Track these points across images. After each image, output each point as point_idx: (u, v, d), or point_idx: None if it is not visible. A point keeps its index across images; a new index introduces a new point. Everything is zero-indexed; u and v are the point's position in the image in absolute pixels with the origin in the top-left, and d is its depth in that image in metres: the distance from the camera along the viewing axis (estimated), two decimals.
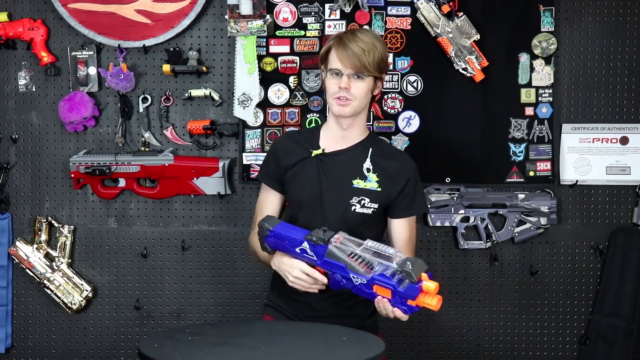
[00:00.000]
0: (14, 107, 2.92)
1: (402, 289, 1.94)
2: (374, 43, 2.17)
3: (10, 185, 2.93)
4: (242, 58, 2.81)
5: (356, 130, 2.26)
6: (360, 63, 2.15)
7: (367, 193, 2.21)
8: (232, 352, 1.84)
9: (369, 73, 2.17)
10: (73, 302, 2.91)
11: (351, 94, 2.17)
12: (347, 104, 2.18)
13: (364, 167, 2.23)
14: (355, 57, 2.14)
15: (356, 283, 1.99)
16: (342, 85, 2.17)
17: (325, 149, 2.27)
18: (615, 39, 2.90)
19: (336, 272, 2.01)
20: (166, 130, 2.89)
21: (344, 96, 2.17)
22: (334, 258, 2.00)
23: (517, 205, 2.88)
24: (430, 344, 2.95)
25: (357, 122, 2.25)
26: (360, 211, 2.20)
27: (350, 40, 2.16)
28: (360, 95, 2.18)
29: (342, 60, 2.16)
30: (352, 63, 2.15)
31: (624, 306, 2.89)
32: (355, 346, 1.92)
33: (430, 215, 2.87)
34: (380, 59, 2.18)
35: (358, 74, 2.16)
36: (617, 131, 2.91)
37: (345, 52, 2.15)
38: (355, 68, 2.15)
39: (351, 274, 1.98)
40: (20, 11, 2.89)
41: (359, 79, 2.17)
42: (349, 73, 2.16)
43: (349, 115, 2.20)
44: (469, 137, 2.89)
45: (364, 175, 2.22)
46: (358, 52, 2.14)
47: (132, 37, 2.84)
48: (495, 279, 2.94)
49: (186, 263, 2.94)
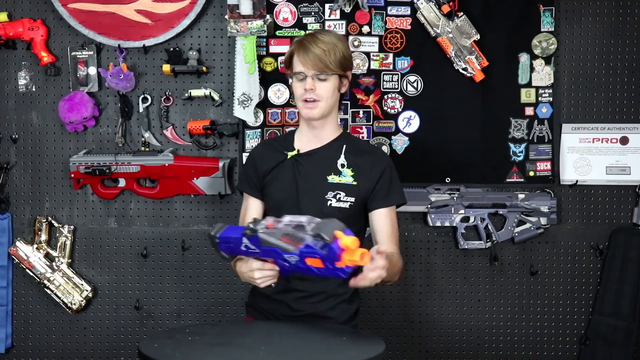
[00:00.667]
0: (14, 107, 2.92)
1: (324, 253, 1.84)
2: (334, 42, 2.21)
3: (10, 185, 2.93)
4: (242, 58, 2.81)
5: (328, 130, 2.30)
6: (322, 63, 2.19)
7: (343, 187, 2.23)
8: (232, 352, 1.84)
9: (332, 72, 2.21)
10: (73, 302, 2.91)
11: (317, 94, 2.21)
12: (314, 106, 2.22)
13: (338, 163, 2.26)
14: (316, 58, 2.19)
15: (294, 262, 1.91)
16: (307, 87, 2.21)
17: (300, 149, 2.30)
18: (615, 39, 2.90)
19: (276, 258, 1.95)
20: (166, 130, 2.89)
21: (311, 98, 2.21)
22: (267, 244, 1.94)
23: (517, 205, 2.88)
24: (430, 344, 2.95)
25: (328, 122, 2.28)
26: (337, 205, 2.22)
27: (310, 42, 2.21)
28: (326, 95, 2.22)
29: (304, 63, 2.21)
30: (314, 64, 2.19)
31: (624, 306, 2.89)
32: (355, 346, 1.92)
33: (430, 215, 2.87)
34: (342, 57, 2.22)
35: (321, 74, 2.20)
36: (617, 131, 2.91)
37: (306, 55, 2.20)
38: (318, 69, 2.20)
39: (285, 255, 1.91)
40: (20, 11, 2.89)
41: (323, 80, 2.21)
42: (312, 74, 2.21)
43: (317, 117, 2.24)
44: (469, 137, 2.89)
45: (339, 171, 2.25)
46: (319, 53, 2.19)
47: (132, 37, 2.84)
48: (495, 279, 2.94)
49: (186, 263, 2.94)
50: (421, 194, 2.86)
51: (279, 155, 2.31)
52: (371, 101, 2.89)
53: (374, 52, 2.87)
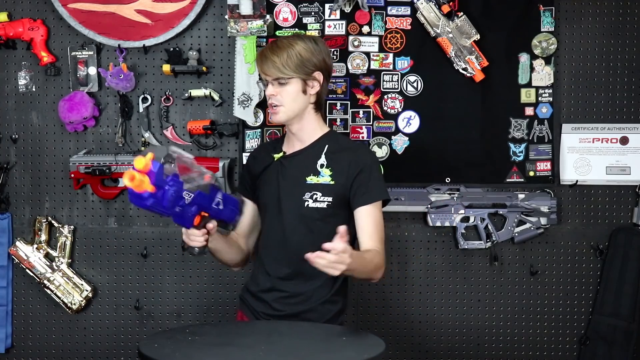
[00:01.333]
0: (14, 107, 2.92)
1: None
2: (291, 46, 2.22)
3: (10, 185, 2.93)
4: (242, 58, 2.81)
5: (307, 131, 2.30)
6: (275, 69, 2.21)
7: (320, 187, 2.24)
8: (232, 352, 1.84)
9: (287, 76, 2.22)
10: (73, 302, 2.91)
11: (277, 99, 2.24)
12: (276, 111, 2.25)
13: (318, 163, 2.26)
14: (270, 64, 2.22)
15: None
16: (267, 93, 2.25)
17: (287, 152, 2.33)
18: (615, 39, 2.90)
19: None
20: (166, 130, 2.89)
21: (273, 103, 2.25)
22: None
23: (517, 205, 2.88)
24: (430, 344, 2.95)
25: (304, 124, 2.29)
26: (314, 206, 2.23)
27: (268, 49, 2.25)
28: (287, 99, 2.24)
29: (262, 70, 2.25)
30: (269, 71, 2.23)
31: (624, 306, 2.89)
32: (355, 346, 1.93)
33: (430, 215, 2.87)
34: (300, 60, 2.22)
35: (279, 80, 2.23)
36: (617, 131, 2.91)
37: (262, 63, 2.24)
38: (273, 74, 2.23)
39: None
40: (20, 11, 2.89)
41: (283, 84, 2.23)
42: (272, 80, 2.24)
43: (282, 121, 2.27)
44: (469, 137, 2.89)
45: (317, 171, 2.26)
46: (273, 59, 2.21)
47: (132, 37, 2.84)
48: (495, 279, 2.94)
49: (186, 263, 2.94)
50: (421, 194, 2.86)
51: (269, 158, 2.34)
52: (371, 101, 2.89)
53: (374, 52, 2.87)
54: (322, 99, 2.33)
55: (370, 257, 2.16)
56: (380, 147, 2.88)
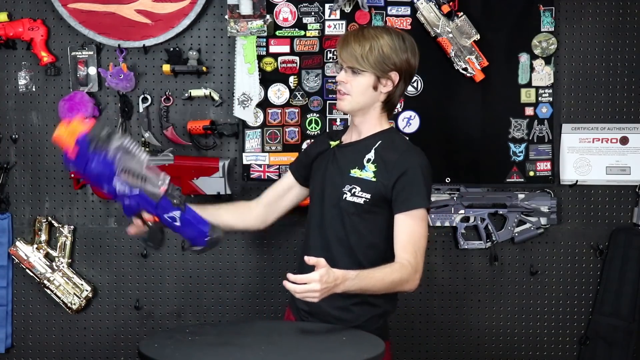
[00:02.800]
0: (14, 107, 2.92)
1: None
2: (377, 39, 2.16)
3: (10, 185, 2.93)
4: (242, 58, 2.81)
5: (367, 126, 2.26)
6: (354, 58, 2.17)
7: (360, 182, 2.19)
8: (232, 352, 1.84)
9: (363, 69, 2.17)
10: (73, 302, 2.91)
11: (347, 88, 2.20)
12: (342, 97, 2.21)
13: (365, 157, 2.22)
14: (349, 51, 2.18)
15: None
16: (338, 79, 2.22)
17: (344, 141, 2.31)
18: (615, 39, 2.90)
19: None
20: (166, 130, 2.89)
21: (340, 90, 2.22)
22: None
23: (517, 205, 2.88)
24: (430, 344, 2.95)
25: (367, 119, 2.25)
26: (351, 200, 2.18)
27: (352, 36, 2.20)
28: (356, 91, 2.19)
29: (341, 55, 2.21)
30: (347, 58, 2.19)
31: (624, 306, 2.89)
32: (355, 346, 1.92)
33: (430, 215, 2.87)
34: (381, 56, 2.16)
35: (353, 69, 2.19)
36: (617, 131, 2.91)
37: (343, 48, 2.20)
38: (350, 63, 2.19)
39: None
40: (20, 11, 2.89)
41: (356, 74, 2.19)
42: (346, 67, 2.21)
43: (346, 109, 2.24)
44: (469, 137, 2.89)
45: (363, 165, 2.21)
46: (354, 47, 2.17)
47: (132, 37, 2.84)
48: (495, 279, 2.94)
49: (186, 263, 2.94)
50: None
51: (326, 145, 2.34)
52: None
53: None
54: (395, 99, 2.25)
55: (384, 274, 2.05)
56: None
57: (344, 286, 1.95)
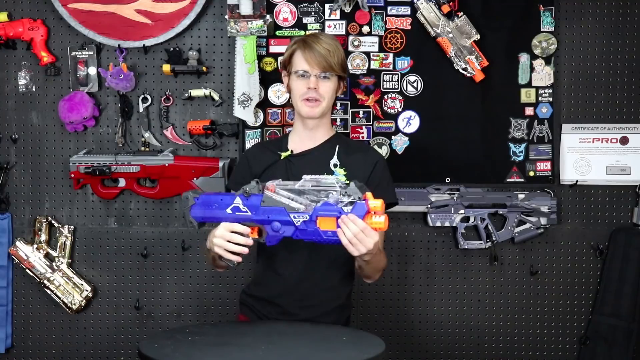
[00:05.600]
0: (14, 107, 2.92)
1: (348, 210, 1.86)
2: (336, 45, 2.25)
3: (10, 185, 2.93)
4: (242, 58, 2.81)
5: (322, 130, 2.31)
6: (327, 63, 2.21)
7: None
8: (232, 352, 1.84)
9: (335, 73, 2.23)
10: (73, 302, 2.91)
11: (319, 94, 2.23)
12: (316, 105, 2.24)
13: (331, 163, 2.26)
14: (322, 57, 2.20)
15: (298, 224, 1.92)
16: (310, 86, 2.22)
17: (294, 150, 2.31)
18: (615, 39, 2.90)
19: (274, 219, 1.94)
20: (166, 130, 2.89)
21: (313, 97, 2.22)
22: (272, 203, 1.93)
23: (517, 205, 2.88)
24: (430, 344, 2.95)
25: (323, 122, 2.30)
26: None
27: (314, 42, 2.23)
28: (328, 95, 2.24)
29: (309, 62, 2.22)
30: (319, 63, 2.21)
31: (624, 306, 2.89)
32: (355, 346, 1.93)
33: (430, 215, 2.87)
34: (342, 60, 2.26)
35: (325, 74, 2.22)
36: (617, 131, 2.91)
37: (312, 53, 2.21)
38: (322, 68, 2.21)
39: (291, 214, 1.91)
40: (20, 11, 2.89)
41: (326, 79, 2.23)
42: (317, 73, 2.22)
43: (318, 116, 2.26)
44: (469, 137, 2.89)
45: (331, 171, 2.25)
46: (324, 53, 2.20)
47: (132, 37, 2.84)
48: (495, 279, 2.94)
49: (186, 263, 2.94)
50: (421, 194, 2.86)
51: (272, 156, 2.31)
52: (371, 101, 2.89)
53: (374, 52, 2.87)
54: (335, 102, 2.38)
55: (382, 256, 2.20)
56: (380, 147, 2.88)
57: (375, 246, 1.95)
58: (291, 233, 1.95)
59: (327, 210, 1.88)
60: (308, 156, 2.29)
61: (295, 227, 1.94)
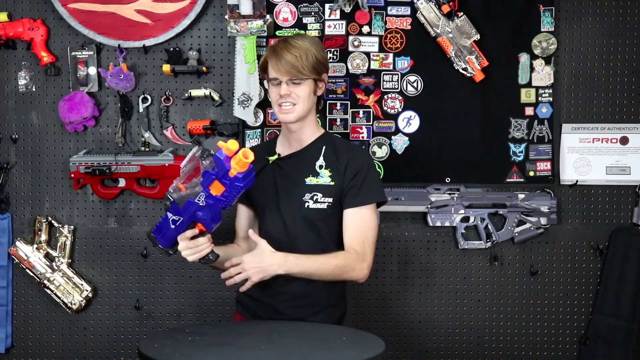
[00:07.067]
0: (14, 107, 2.92)
1: (216, 170, 1.93)
2: (307, 47, 2.22)
3: (10, 185, 2.93)
4: (242, 58, 2.81)
5: (307, 132, 2.30)
6: (295, 69, 2.20)
7: (320, 188, 2.23)
8: (232, 352, 1.84)
9: (306, 77, 2.21)
10: (73, 302, 2.91)
11: (293, 98, 2.22)
12: (290, 110, 2.23)
13: (316, 164, 2.26)
14: (288, 64, 2.19)
15: (203, 204, 1.99)
16: (281, 93, 2.22)
17: (281, 153, 2.32)
18: (615, 39, 2.90)
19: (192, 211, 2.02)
20: (166, 130, 2.89)
21: (286, 103, 2.22)
22: (181, 202, 2.01)
23: (517, 205, 2.88)
24: (430, 344, 2.95)
25: (306, 124, 2.29)
26: (314, 207, 2.22)
27: (282, 49, 2.22)
28: (302, 98, 2.23)
29: (278, 70, 2.21)
30: (287, 70, 2.20)
31: (624, 306, 2.89)
32: (355, 346, 1.93)
33: (430, 215, 2.87)
34: (315, 61, 2.22)
35: (295, 80, 2.21)
36: (617, 131, 2.91)
37: (279, 61, 2.21)
38: (291, 75, 2.21)
39: (196, 199, 1.98)
40: (20, 11, 2.89)
41: (298, 84, 2.22)
42: (286, 80, 2.21)
43: (293, 120, 2.25)
44: (469, 137, 2.89)
45: (317, 172, 2.25)
46: (291, 60, 2.19)
47: (132, 37, 2.84)
48: (495, 279, 2.94)
49: (186, 263, 2.91)
50: (421, 194, 2.86)
51: (262, 161, 2.31)
52: (371, 101, 2.89)
53: (374, 52, 2.87)
54: (322, 99, 2.35)
55: (326, 258, 2.16)
56: (380, 147, 2.88)
57: (286, 267, 2.11)
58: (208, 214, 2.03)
59: (208, 179, 1.95)
60: (295, 159, 2.30)
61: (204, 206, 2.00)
